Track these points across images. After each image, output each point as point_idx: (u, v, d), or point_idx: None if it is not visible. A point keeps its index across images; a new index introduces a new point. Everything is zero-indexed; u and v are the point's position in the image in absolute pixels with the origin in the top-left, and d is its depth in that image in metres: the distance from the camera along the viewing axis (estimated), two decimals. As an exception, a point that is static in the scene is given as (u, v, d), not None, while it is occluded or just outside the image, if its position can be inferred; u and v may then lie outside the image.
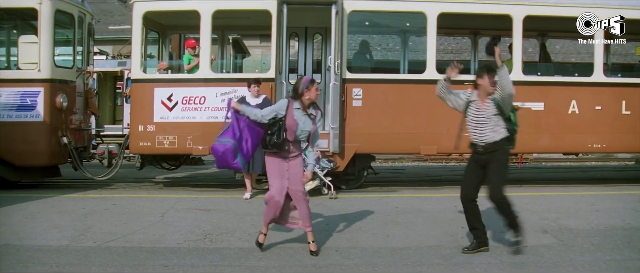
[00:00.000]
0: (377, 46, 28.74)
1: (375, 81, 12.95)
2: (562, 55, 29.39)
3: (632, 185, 13.55)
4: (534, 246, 8.09)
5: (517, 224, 7.67)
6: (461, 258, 7.45)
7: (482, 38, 16.28)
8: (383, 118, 12.75)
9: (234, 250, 7.86)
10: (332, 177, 12.14)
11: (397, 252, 7.74)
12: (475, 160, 7.82)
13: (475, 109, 7.73)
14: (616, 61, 23.47)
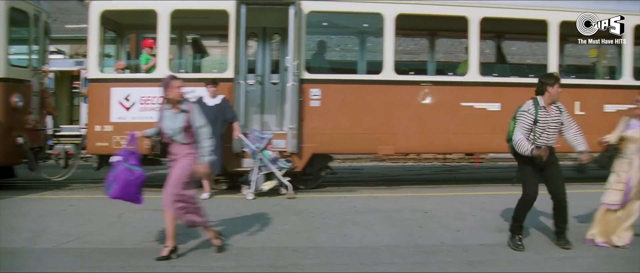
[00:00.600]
0: (336, 46, 28.80)
1: (334, 81, 12.96)
2: (519, 56, 29.75)
3: (587, 184, 13.75)
4: (490, 244, 8.20)
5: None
6: (418, 257, 7.51)
7: (440, 39, 16.42)
8: (341, 118, 12.78)
9: (191, 250, 7.81)
10: (290, 177, 12.14)
11: (355, 252, 7.77)
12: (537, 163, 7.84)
13: (545, 114, 7.88)
14: (571, 62, 23.86)
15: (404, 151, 14.42)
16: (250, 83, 13.76)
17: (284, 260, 7.38)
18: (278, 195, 11.81)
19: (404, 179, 16.23)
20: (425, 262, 7.28)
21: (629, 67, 14.12)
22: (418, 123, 13.07)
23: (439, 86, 13.29)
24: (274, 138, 12.25)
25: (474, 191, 12.93)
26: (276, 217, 9.78)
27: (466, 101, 13.17)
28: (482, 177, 16.41)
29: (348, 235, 8.66)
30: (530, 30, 15.33)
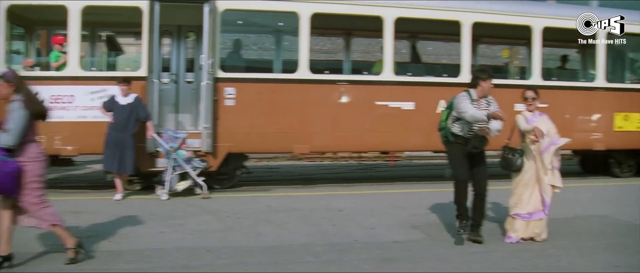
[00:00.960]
0: (253, 45, 28.74)
1: (248, 80, 12.94)
2: (435, 56, 30.26)
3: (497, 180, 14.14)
4: (403, 241, 8.32)
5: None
6: (332, 255, 7.55)
7: (356, 39, 16.58)
8: (256, 117, 12.76)
9: (103, 253, 7.64)
10: (205, 177, 12.06)
11: (269, 251, 7.77)
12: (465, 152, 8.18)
13: (476, 106, 8.12)
14: (484, 62, 24.43)
15: (319, 149, 14.53)
16: (164, 82, 13.61)
17: (197, 261, 7.32)
18: (193, 195, 11.70)
19: (320, 178, 16.33)
20: (339, 260, 7.34)
21: (537, 67, 14.56)
22: (333, 122, 13.18)
23: (354, 85, 13.43)
24: (188, 138, 12.16)
25: (389, 189, 13.10)
26: (190, 217, 9.71)
27: (381, 100, 13.34)
28: (397, 175, 16.66)
29: (262, 234, 8.65)
30: (444, 30, 15.62)
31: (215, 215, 9.97)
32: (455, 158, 8.24)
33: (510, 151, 8.36)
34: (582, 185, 14.22)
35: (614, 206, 11.36)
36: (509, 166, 8.33)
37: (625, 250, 7.99)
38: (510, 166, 8.32)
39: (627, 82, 16.77)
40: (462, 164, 8.15)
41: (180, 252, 7.63)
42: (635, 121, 15.37)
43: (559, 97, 14.40)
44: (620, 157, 16.01)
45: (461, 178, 8.12)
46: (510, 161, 8.30)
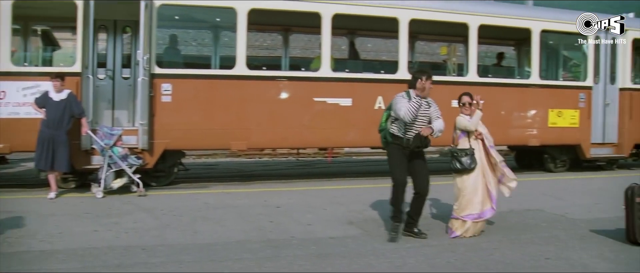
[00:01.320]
0: (193, 40, 28.51)
1: (185, 76, 12.81)
2: (374, 53, 30.50)
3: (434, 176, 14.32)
4: (340, 237, 8.35)
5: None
6: (268, 252, 7.53)
7: (294, 35, 16.58)
8: (193, 113, 12.67)
9: (35, 253, 7.48)
10: (141, 174, 11.93)
11: (205, 248, 7.72)
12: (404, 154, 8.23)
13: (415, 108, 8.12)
14: (423, 59, 24.75)
15: (257, 146, 14.49)
16: (100, 78, 13.42)
17: (131, 259, 7.22)
18: (129, 193, 11.57)
19: (258, 174, 16.30)
20: (275, 256, 7.32)
21: (474, 65, 14.78)
22: (271, 118, 13.16)
23: (292, 82, 13.43)
24: (124, 134, 12.01)
25: (327, 186, 13.17)
26: (125, 215, 9.58)
27: (319, 96, 13.39)
28: (336, 171, 16.73)
29: (199, 232, 8.59)
30: (383, 27, 15.70)
31: (151, 212, 9.86)
32: (393, 159, 8.26)
33: (461, 152, 8.45)
34: (517, 180, 14.47)
35: (547, 200, 11.66)
36: (464, 167, 8.39)
37: (557, 242, 8.17)
38: (465, 166, 8.39)
39: (560, 80, 17.20)
40: (401, 167, 8.18)
41: (114, 251, 7.52)
42: (568, 118, 15.75)
43: (495, 94, 14.67)
44: (554, 152, 16.38)
45: (399, 181, 8.15)
46: (464, 163, 8.38)
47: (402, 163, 8.20)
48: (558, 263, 7.09)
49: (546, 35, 16.10)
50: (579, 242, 8.20)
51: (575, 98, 15.93)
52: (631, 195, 7.97)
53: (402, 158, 8.21)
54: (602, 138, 16.46)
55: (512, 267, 6.93)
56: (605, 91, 16.48)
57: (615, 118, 16.59)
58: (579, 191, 12.88)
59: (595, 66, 16.29)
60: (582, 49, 16.47)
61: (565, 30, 16.00)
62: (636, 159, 17.69)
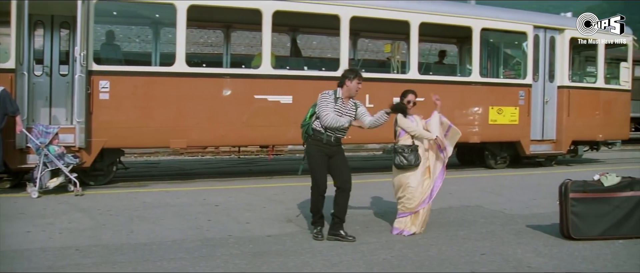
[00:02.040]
0: (137, 37, 28.18)
1: (123, 73, 12.65)
2: (319, 50, 30.56)
3: (377, 173, 14.45)
4: (277, 235, 8.33)
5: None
6: (204, 251, 7.47)
7: (235, 31, 16.51)
8: (132, 111, 12.51)
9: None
10: (79, 173, 11.75)
11: (140, 248, 7.62)
12: (325, 152, 8.13)
13: (341, 105, 8.16)
14: (368, 57, 24.85)
15: (196, 144, 14.40)
16: (37, 74, 13.17)
17: (64, 261, 7.09)
18: (66, 192, 11.38)
19: (200, 173, 16.19)
20: (211, 255, 7.27)
21: (415, 62, 14.90)
22: (211, 116, 13.07)
23: (232, 79, 13.38)
24: (61, 132, 11.82)
25: (267, 183, 13.15)
26: (60, 216, 9.41)
27: (259, 94, 13.34)
28: (278, 169, 16.71)
29: (135, 231, 8.48)
30: (324, 24, 15.73)
31: (87, 212, 9.71)
32: (315, 161, 8.16)
33: (405, 148, 8.45)
34: (458, 176, 14.68)
35: (486, 196, 11.82)
36: (409, 163, 8.40)
37: (493, 238, 8.27)
38: (410, 163, 8.40)
39: (501, 78, 17.48)
40: (322, 171, 8.14)
41: (46, 252, 7.38)
42: (508, 115, 16.00)
43: (436, 91, 14.66)
44: (495, 149, 16.63)
45: (321, 188, 8.13)
46: (409, 160, 8.39)
47: (324, 166, 8.14)
48: (493, 259, 7.18)
49: (487, 33, 16.35)
50: (515, 238, 8.32)
51: (515, 96, 16.19)
52: (564, 190, 8.12)
53: (323, 159, 8.13)
54: (541, 134, 16.78)
55: (448, 263, 7.00)
56: (544, 89, 16.78)
57: (553, 115, 16.93)
58: (518, 187, 13.08)
59: (535, 64, 16.56)
60: (522, 48, 16.75)
61: (505, 29, 16.28)
62: (574, 156, 18.08)
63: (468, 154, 18.00)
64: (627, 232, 8.10)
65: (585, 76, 19.34)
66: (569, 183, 8.12)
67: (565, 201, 8.12)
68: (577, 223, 8.03)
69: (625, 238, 8.05)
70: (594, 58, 18.03)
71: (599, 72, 17.75)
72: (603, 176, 8.24)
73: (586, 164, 18.50)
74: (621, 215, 8.11)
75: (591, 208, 8.08)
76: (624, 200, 8.13)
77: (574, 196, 8.05)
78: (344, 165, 8.25)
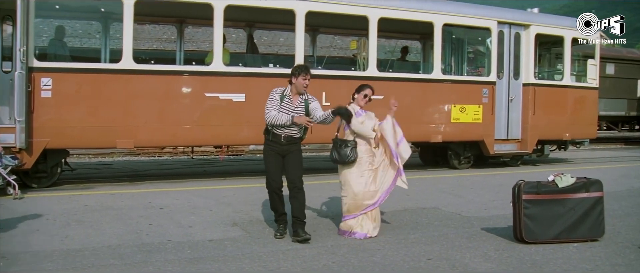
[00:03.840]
0: (87, 33, 27.83)
1: (67, 70, 12.30)
2: (286, 47, 30.40)
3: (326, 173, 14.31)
4: (219, 239, 8.13)
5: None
6: (139, 257, 7.25)
7: (188, 27, 16.27)
8: (76, 110, 12.21)
9: None
10: (22, 175, 11.47)
11: (72, 254, 7.37)
12: (277, 151, 8.15)
13: (288, 103, 8.15)
14: (336, 53, 24.76)
15: (144, 144, 14.13)
16: (-23, 69, 12.89)
17: (-14, 270, 6.86)
18: (5, 196, 11.07)
19: (152, 174, 15.92)
20: (144, 262, 7.04)
21: (373, 59, 14.75)
22: (160, 115, 12.81)
23: (182, 76, 13.11)
24: (0, 133, 11.51)
25: (219, 185, 12.93)
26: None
27: (211, 91, 13.10)
28: (235, 169, 16.50)
29: (69, 236, 8.22)
30: (280, 20, 15.55)
31: (23, 216, 9.40)
32: (268, 160, 8.25)
33: (342, 142, 8.35)
34: (418, 177, 14.58)
35: (445, 198, 11.71)
36: (342, 159, 8.29)
37: (444, 242, 8.13)
38: (343, 159, 8.29)
39: (465, 75, 17.41)
40: (276, 170, 8.18)
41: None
42: (472, 113, 15.92)
43: (396, 89, 14.63)
44: (458, 149, 16.55)
45: (273, 186, 8.17)
46: (341, 154, 8.28)
47: (277, 165, 8.17)
48: (438, 264, 7.03)
49: (449, 29, 16.27)
50: (466, 241, 8.18)
51: (479, 94, 16.12)
52: (518, 191, 8.00)
53: (275, 158, 8.17)
54: (506, 133, 16.74)
55: (391, 269, 6.82)
56: (509, 87, 16.73)
57: (519, 113, 16.90)
58: (479, 188, 13.01)
59: (499, 61, 16.51)
60: (486, 44, 16.69)
61: (468, 25, 16.20)
62: (540, 155, 18.04)
63: (431, 154, 17.92)
64: (581, 235, 7.99)
65: (552, 73, 19.35)
66: (522, 184, 8.00)
67: (518, 202, 8.00)
68: (530, 226, 7.90)
69: (580, 241, 7.94)
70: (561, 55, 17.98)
71: (565, 69, 17.72)
72: (557, 177, 8.11)
73: (553, 164, 18.49)
74: (576, 217, 7.98)
75: (545, 210, 7.95)
76: (579, 202, 8.00)
77: (527, 197, 7.91)
78: (295, 164, 8.20)
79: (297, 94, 8.20)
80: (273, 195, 8.20)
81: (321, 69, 15.28)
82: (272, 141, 8.14)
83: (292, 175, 8.15)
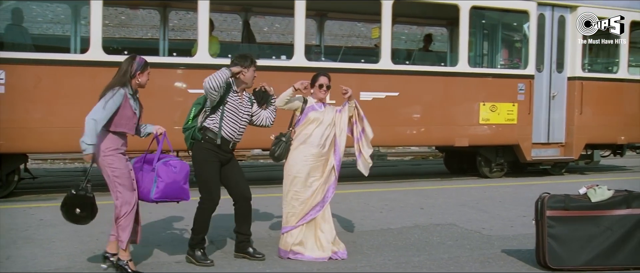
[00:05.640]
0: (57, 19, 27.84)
1: (23, 61, 12.23)
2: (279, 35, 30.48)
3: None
4: (183, 261, 8.00)
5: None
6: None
7: (173, 11, 16.17)
8: (34, 108, 12.14)
9: None
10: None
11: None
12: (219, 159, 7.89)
13: (237, 99, 7.92)
14: (360, 44, 24.62)
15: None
16: None
17: None
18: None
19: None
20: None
21: (387, 49, 14.52)
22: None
23: (162, 70, 12.90)
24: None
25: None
26: None
27: (195, 88, 12.94)
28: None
29: (12, 257, 8.07)
30: (280, 4, 15.43)
31: (-35, 232, 9.36)
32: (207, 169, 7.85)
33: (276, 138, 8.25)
34: (439, 187, 14.41)
35: (466, 212, 11.51)
36: (272, 154, 8.20)
37: (453, 266, 7.93)
38: (272, 154, 8.21)
39: (497, 67, 17.17)
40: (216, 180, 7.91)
41: None
42: (504, 113, 15.76)
43: (412, 84, 14.62)
44: (489, 154, 16.34)
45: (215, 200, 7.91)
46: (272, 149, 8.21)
47: (218, 175, 7.90)
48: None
49: (479, 13, 15.99)
50: (479, 266, 7.97)
51: (513, 89, 15.86)
52: (541, 207, 7.71)
53: (216, 168, 7.87)
54: (546, 136, 16.45)
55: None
56: (550, 81, 16.44)
57: (562, 112, 16.60)
58: (509, 201, 12.75)
59: (539, 51, 16.22)
60: (523, 30, 16.40)
61: (501, 7, 15.95)
62: (589, 162, 17.66)
63: (458, 161, 17.67)
64: (621, 262, 7.61)
65: (606, 65, 18.92)
66: (546, 198, 7.71)
67: (541, 220, 7.72)
68: (556, 249, 7.59)
69: (618, 270, 7.63)
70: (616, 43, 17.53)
71: (621, 60, 17.34)
72: (591, 189, 7.80)
73: (605, 173, 18.15)
74: (613, 240, 7.60)
75: (574, 230, 7.61)
76: (617, 220, 7.63)
77: (552, 214, 7.59)
78: (241, 173, 8.14)
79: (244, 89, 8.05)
80: (211, 210, 7.93)
81: (325, 61, 15.11)
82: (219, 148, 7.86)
83: (242, 184, 8.05)
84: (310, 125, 8.20)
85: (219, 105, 7.78)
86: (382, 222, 10.42)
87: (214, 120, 7.80)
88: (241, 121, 7.90)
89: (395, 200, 12.47)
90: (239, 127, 7.89)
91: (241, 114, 7.89)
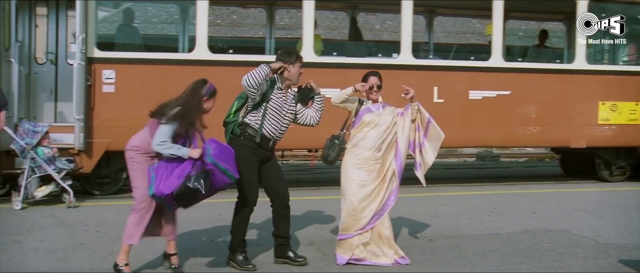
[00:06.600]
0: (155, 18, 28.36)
1: (132, 60, 12.58)
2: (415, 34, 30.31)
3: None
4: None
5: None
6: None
7: (279, 9, 16.31)
8: (143, 106, 12.33)
9: None
10: (83, 181, 11.80)
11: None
12: (258, 157, 7.78)
13: (281, 96, 7.82)
14: (474, 41, 24.31)
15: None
16: (39, 62, 13.29)
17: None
18: (60, 203, 11.39)
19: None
20: None
21: (498, 45, 14.36)
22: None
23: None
24: (58, 132, 11.89)
25: (309, 196, 12.85)
26: (36, 232, 9.33)
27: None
28: (325, 178, 16.43)
29: (114, 253, 8.18)
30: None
31: (71, 228, 9.64)
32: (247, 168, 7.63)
33: (328, 140, 8.19)
34: (554, 191, 14.13)
35: (582, 218, 11.25)
36: (325, 157, 8.12)
37: None
38: (325, 157, 8.13)
39: (619, 63, 16.72)
40: (255, 180, 7.78)
41: None
42: (626, 112, 15.28)
43: (525, 83, 14.40)
44: (608, 156, 15.86)
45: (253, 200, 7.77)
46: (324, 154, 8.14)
47: (256, 174, 7.76)
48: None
49: (599, 6, 15.55)
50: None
51: (637, 87, 15.40)
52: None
53: (255, 167, 7.75)
54: (673, 138, 15.85)
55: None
56: (678, 78, 15.83)
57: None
58: (632, 208, 12.35)
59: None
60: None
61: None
62: None
63: (575, 163, 17.28)
64: None
65: None
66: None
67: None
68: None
69: None
70: None
71: None
72: None
73: None
74: None
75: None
76: None
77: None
78: (281, 174, 8.04)
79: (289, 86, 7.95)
80: (250, 210, 7.84)
81: (432, 58, 15.03)
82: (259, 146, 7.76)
83: (282, 186, 7.92)
84: (365, 128, 8.10)
85: (261, 102, 7.64)
86: (490, 226, 10.29)
87: (256, 117, 7.67)
88: (284, 120, 7.78)
89: (505, 203, 12.31)
90: (281, 125, 7.77)
91: (284, 112, 7.77)
